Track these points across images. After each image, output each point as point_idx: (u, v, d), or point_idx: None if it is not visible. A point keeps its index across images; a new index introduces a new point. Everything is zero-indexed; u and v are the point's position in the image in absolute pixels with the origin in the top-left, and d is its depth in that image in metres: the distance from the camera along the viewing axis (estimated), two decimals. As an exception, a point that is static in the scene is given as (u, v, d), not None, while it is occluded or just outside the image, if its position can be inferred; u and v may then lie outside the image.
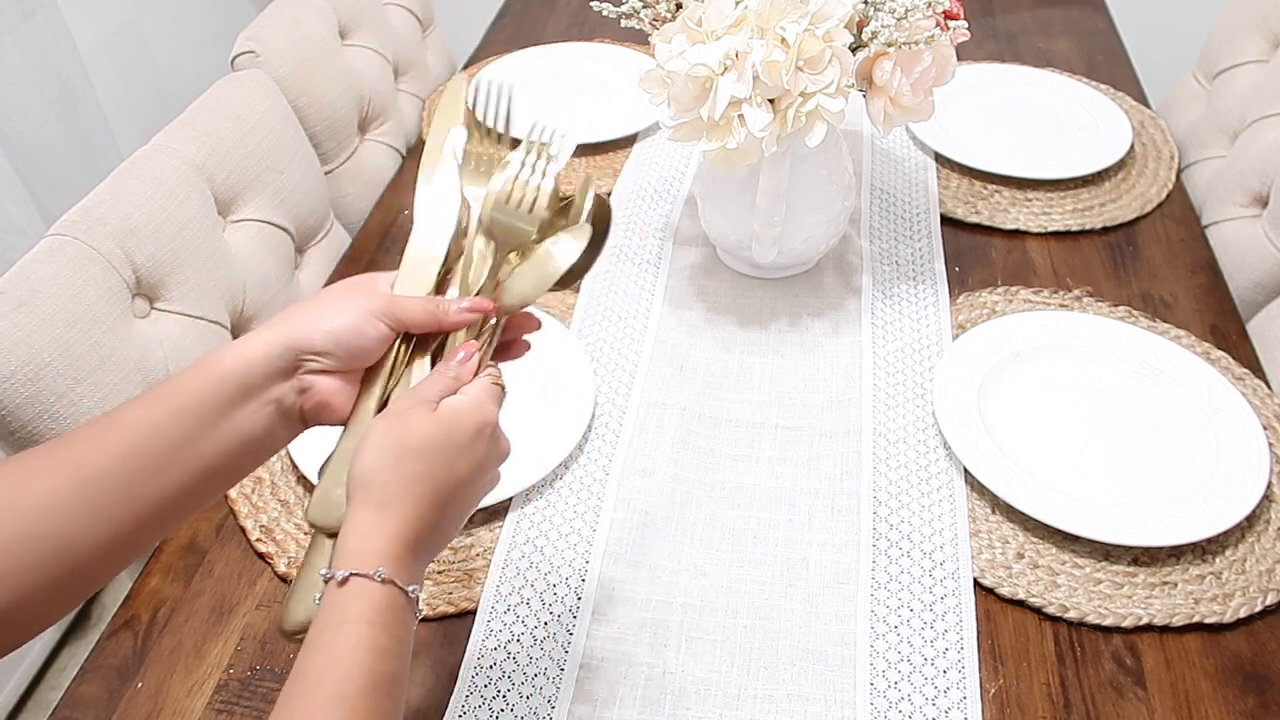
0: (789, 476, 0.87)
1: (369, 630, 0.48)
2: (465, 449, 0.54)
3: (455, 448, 0.54)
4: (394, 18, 1.48)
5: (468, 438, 0.54)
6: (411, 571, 0.52)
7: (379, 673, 0.48)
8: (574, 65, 1.45)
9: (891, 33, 0.85)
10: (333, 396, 0.57)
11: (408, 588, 0.51)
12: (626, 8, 0.92)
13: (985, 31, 1.53)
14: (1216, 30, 1.39)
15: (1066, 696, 0.72)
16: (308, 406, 0.57)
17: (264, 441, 0.56)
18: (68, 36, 1.63)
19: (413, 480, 0.52)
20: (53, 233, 0.88)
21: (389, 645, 0.49)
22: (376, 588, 0.50)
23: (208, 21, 2.09)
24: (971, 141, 1.26)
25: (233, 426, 0.54)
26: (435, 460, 0.53)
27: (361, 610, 0.49)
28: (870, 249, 1.10)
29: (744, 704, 0.72)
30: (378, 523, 0.51)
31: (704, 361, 0.98)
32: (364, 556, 0.50)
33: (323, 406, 0.57)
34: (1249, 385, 0.94)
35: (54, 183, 1.59)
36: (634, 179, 1.23)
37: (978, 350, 0.96)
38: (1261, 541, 0.81)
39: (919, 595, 0.78)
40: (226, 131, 1.06)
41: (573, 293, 1.06)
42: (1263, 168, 1.16)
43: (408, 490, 0.52)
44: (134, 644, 0.76)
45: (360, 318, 0.56)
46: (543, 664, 0.74)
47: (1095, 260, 1.10)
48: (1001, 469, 0.84)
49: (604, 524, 0.83)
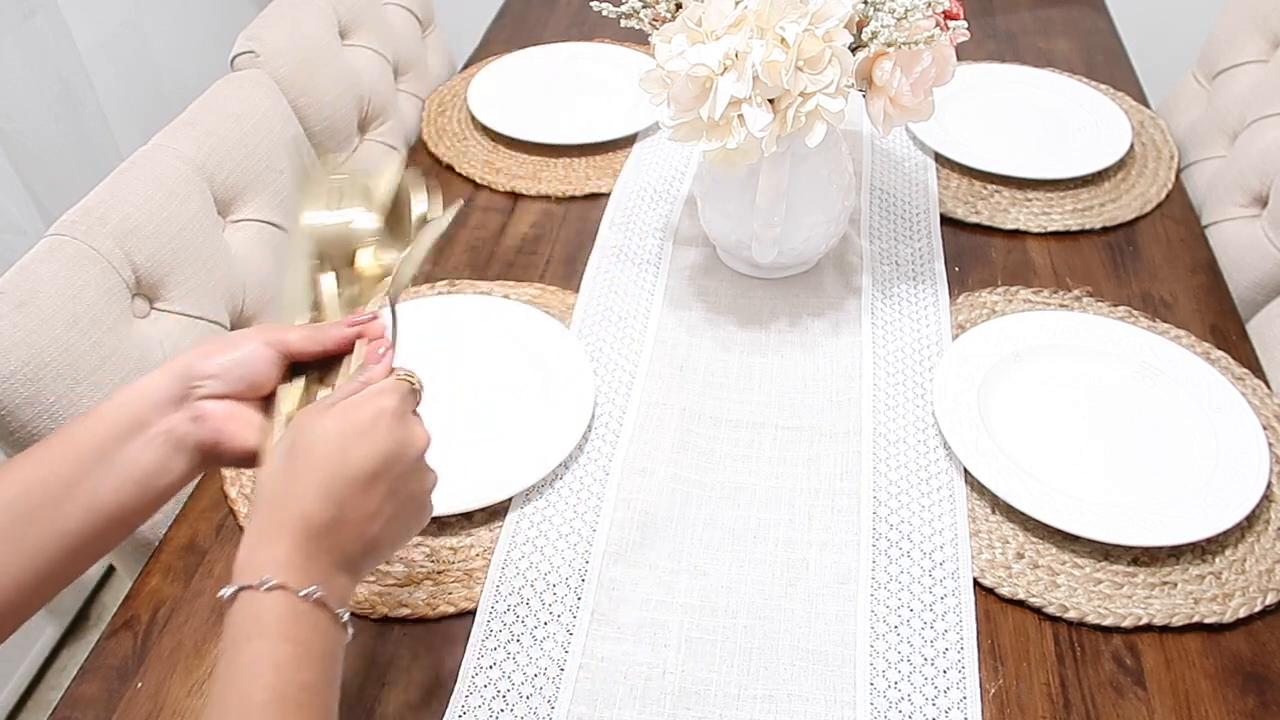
0: (789, 476, 0.87)
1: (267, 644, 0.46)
2: (360, 435, 0.52)
3: (347, 436, 0.52)
4: (394, 18, 1.48)
5: (362, 424, 0.52)
6: (309, 573, 0.49)
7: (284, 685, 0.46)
8: (574, 65, 1.45)
9: (891, 33, 0.85)
10: (227, 422, 0.56)
11: (302, 591, 0.48)
12: (626, 8, 0.92)
13: (985, 31, 1.53)
14: (1216, 30, 1.39)
15: (1066, 696, 0.72)
16: (203, 435, 0.56)
17: (158, 477, 0.55)
18: (68, 36, 1.63)
19: (302, 476, 0.51)
20: (53, 233, 0.88)
21: (292, 654, 0.47)
22: (268, 598, 0.47)
23: (208, 21, 2.09)
24: (971, 141, 1.26)
25: (125, 461, 0.53)
26: (323, 450, 0.51)
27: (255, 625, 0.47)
28: (870, 249, 1.10)
29: (744, 704, 0.72)
30: (266, 530, 0.50)
31: (704, 361, 0.98)
32: (250, 568, 0.48)
33: (219, 433, 0.56)
34: (1249, 385, 0.94)
35: (54, 183, 1.59)
36: (634, 179, 1.23)
37: (978, 350, 0.96)
38: (1261, 541, 0.81)
39: (919, 595, 0.78)
40: (226, 131, 1.06)
41: (573, 292, 1.06)
42: (1263, 168, 1.16)
43: (298, 487, 0.50)
44: (134, 644, 0.76)
45: (248, 346, 0.57)
46: (543, 664, 0.74)
47: (1095, 260, 1.10)
48: (1001, 469, 0.84)
49: (604, 524, 0.83)
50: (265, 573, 0.48)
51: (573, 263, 1.11)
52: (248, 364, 0.56)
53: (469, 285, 1.07)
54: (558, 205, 1.20)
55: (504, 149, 1.29)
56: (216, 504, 0.86)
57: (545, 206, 1.20)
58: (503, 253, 1.13)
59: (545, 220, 1.18)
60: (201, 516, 0.85)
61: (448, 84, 1.46)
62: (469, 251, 1.13)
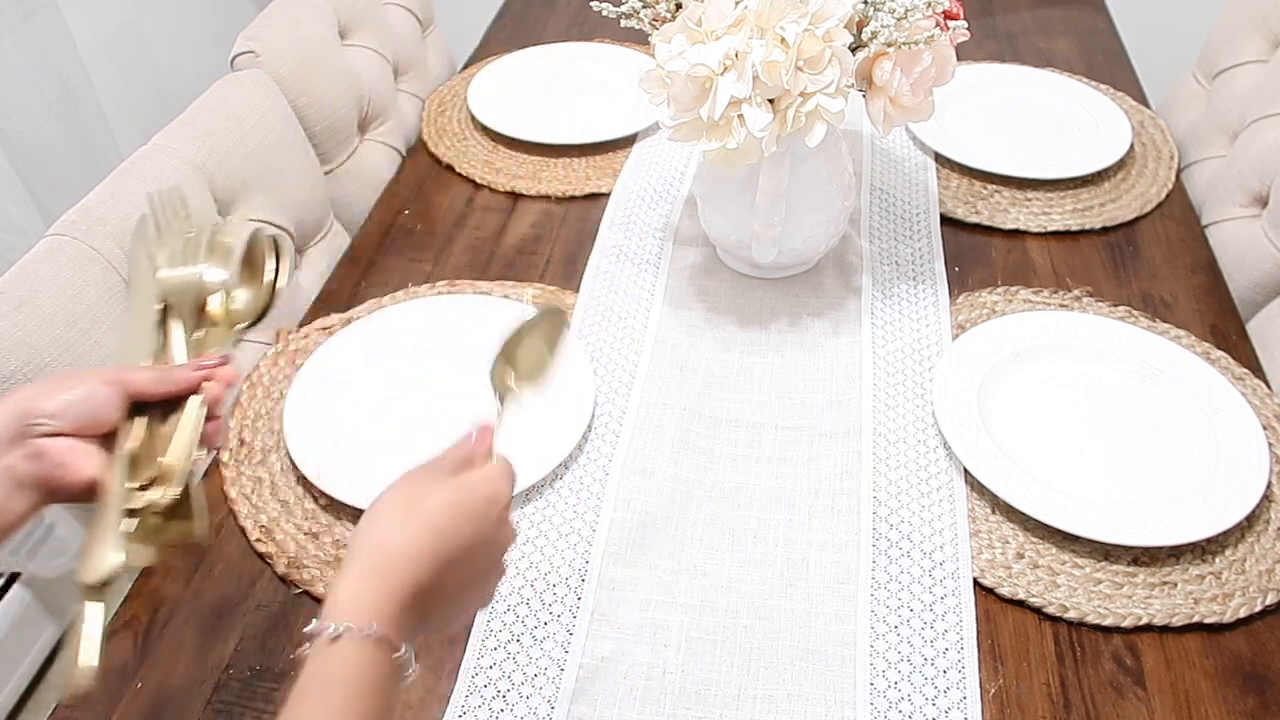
0: (789, 476, 0.87)
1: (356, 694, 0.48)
2: (473, 516, 0.55)
3: (464, 514, 0.55)
4: (394, 18, 1.48)
5: (478, 506, 0.55)
6: (404, 632, 0.51)
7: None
8: (574, 65, 1.45)
9: (891, 33, 0.85)
10: (67, 456, 0.56)
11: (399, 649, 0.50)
12: (626, 8, 0.92)
13: (985, 31, 1.53)
14: (1216, 30, 1.39)
15: (1066, 696, 0.72)
16: (41, 471, 0.56)
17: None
18: (68, 36, 1.63)
19: (417, 540, 0.52)
20: (52, 233, 0.88)
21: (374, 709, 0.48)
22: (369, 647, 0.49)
23: (208, 21, 2.09)
24: (971, 141, 1.26)
25: None
26: (441, 521, 0.54)
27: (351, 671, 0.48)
28: (870, 249, 1.10)
29: (744, 704, 0.72)
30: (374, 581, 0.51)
31: (704, 361, 0.98)
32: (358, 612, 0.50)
33: (59, 468, 0.56)
34: (1249, 385, 0.94)
35: (54, 183, 1.59)
36: (634, 179, 1.23)
37: (978, 350, 0.96)
38: (1261, 541, 0.81)
39: (919, 595, 0.78)
40: (226, 131, 1.06)
41: (573, 292, 1.06)
42: (1263, 168, 1.16)
43: (411, 548, 0.52)
44: (134, 644, 0.76)
45: (88, 385, 0.57)
46: (543, 664, 0.74)
47: (1095, 260, 1.10)
48: (1001, 469, 0.84)
49: (604, 524, 0.83)
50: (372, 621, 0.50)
51: (573, 263, 1.11)
52: (88, 402, 0.57)
53: (469, 285, 1.07)
54: (558, 205, 1.20)
55: (504, 149, 1.29)
56: (216, 504, 0.86)
57: (545, 206, 1.20)
58: (503, 253, 1.13)
59: (545, 220, 1.18)
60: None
61: (448, 84, 1.46)
62: (469, 251, 1.13)
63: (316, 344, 1.00)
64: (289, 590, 0.80)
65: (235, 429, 0.92)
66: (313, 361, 0.96)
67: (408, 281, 1.09)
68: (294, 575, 0.80)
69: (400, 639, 0.50)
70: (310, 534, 0.83)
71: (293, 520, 0.84)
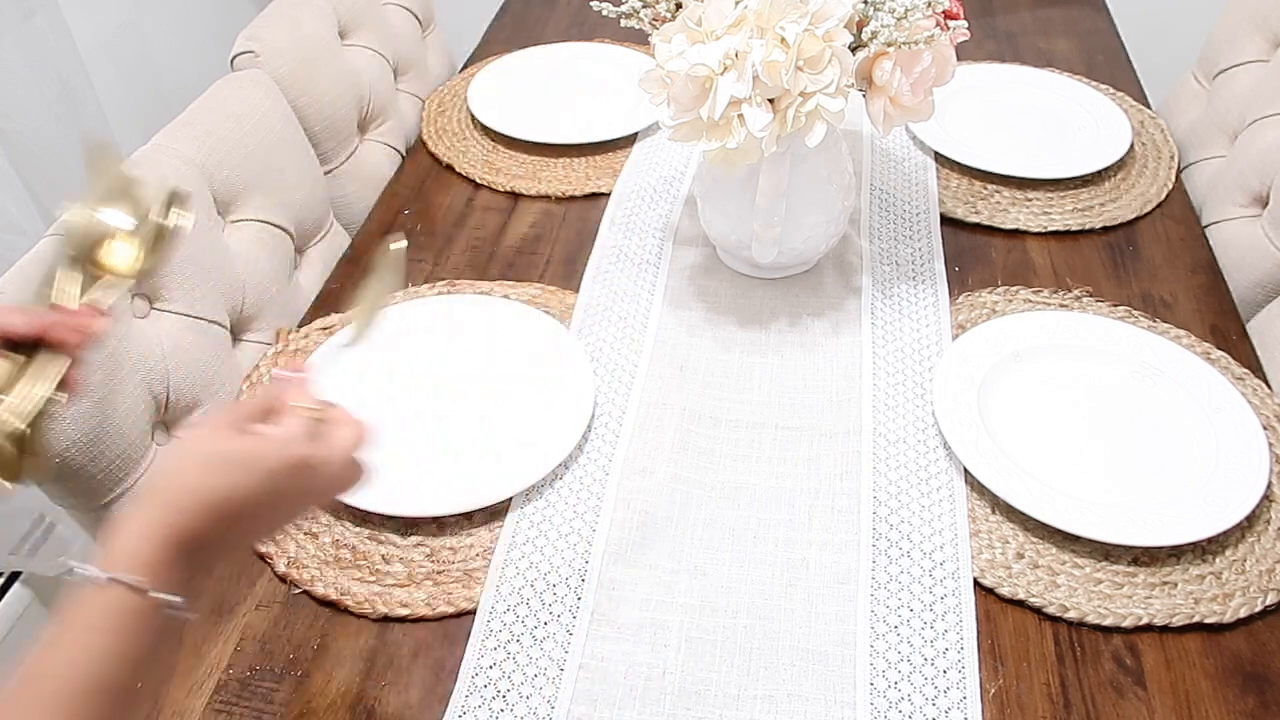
0: (789, 476, 0.87)
1: (100, 636, 0.48)
2: (266, 474, 0.54)
3: (254, 470, 0.54)
4: (394, 18, 1.48)
5: (271, 463, 0.54)
6: (167, 579, 0.51)
7: (101, 677, 0.48)
8: (574, 65, 1.45)
9: (891, 33, 0.85)
10: None
11: (151, 591, 0.50)
12: (626, 8, 0.92)
13: (985, 31, 1.53)
14: (1216, 30, 1.39)
15: (1066, 696, 0.72)
16: None
17: None
18: (68, 36, 1.63)
19: (195, 490, 0.52)
20: (52, 233, 0.88)
21: (122, 650, 0.49)
22: (117, 592, 0.49)
23: (208, 21, 2.09)
24: (971, 141, 1.26)
25: None
26: (222, 477, 0.53)
27: (97, 614, 0.48)
28: (870, 249, 1.10)
29: (744, 704, 0.72)
30: (142, 525, 0.51)
31: (704, 361, 0.98)
32: (114, 558, 0.50)
33: None
34: (1249, 385, 0.94)
35: (54, 183, 1.59)
36: (634, 179, 1.23)
37: (978, 350, 0.96)
38: (1261, 541, 0.81)
39: (919, 595, 0.78)
40: (226, 131, 1.06)
41: (572, 292, 1.06)
42: (1263, 168, 1.16)
43: (186, 498, 0.52)
44: (134, 644, 0.76)
45: None
46: (543, 664, 0.74)
47: (1095, 260, 1.10)
48: (1001, 469, 0.84)
49: (604, 524, 0.83)
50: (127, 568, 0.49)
51: (573, 263, 1.11)
52: None
53: (469, 285, 1.07)
54: (558, 205, 1.20)
55: (504, 149, 1.29)
56: (216, 504, 0.86)
57: (545, 206, 1.20)
58: (503, 253, 1.13)
59: (545, 220, 1.18)
60: (201, 516, 0.85)
61: (448, 84, 1.46)
62: (469, 251, 1.13)
63: (316, 344, 1.00)
64: (289, 590, 0.80)
65: (235, 429, 0.92)
66: (313, 361, 0.96)
67: (408, 281, 1.09)
68: (294, 575, 0.80)
69: (160, 586, 0.50)
70: (310, 534, 0.83)
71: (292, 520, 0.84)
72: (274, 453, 0.55)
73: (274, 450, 0.55)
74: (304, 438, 0.57)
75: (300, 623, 0.77)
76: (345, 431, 0.58)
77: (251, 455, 0.54)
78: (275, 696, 0.73)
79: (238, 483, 0.53)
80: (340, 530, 0.83)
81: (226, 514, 0.53)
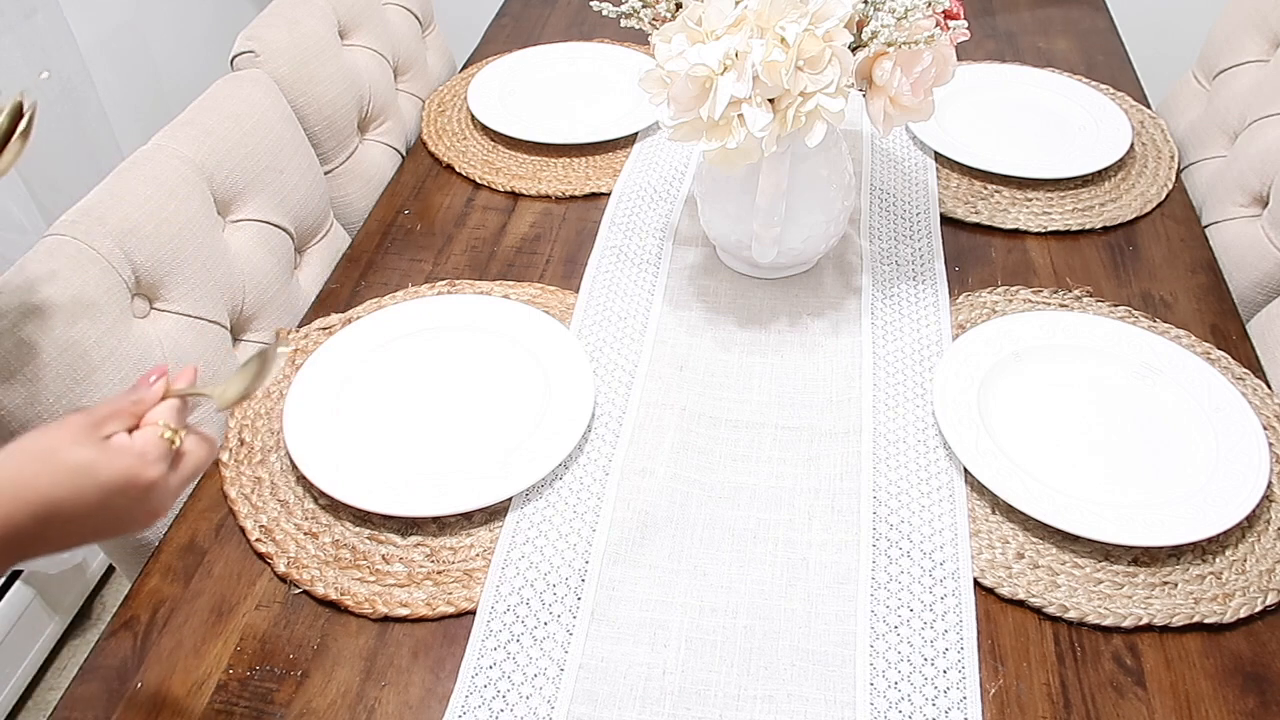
0: (789, 476, 0.87)
1: None
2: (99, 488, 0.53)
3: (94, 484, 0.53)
4: (394, 17, 1.48)
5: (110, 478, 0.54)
6: None
7: None
8: (574, 65, 1.45)
9: (891, 32, 0.85)
10: None
11: None
12: (626, 8, 0.92)
13: (985, 31, 1.53)
14: (1216, 30, 1.39)
15: (1066, 696, 0.72)
16: None
17: None
18: (68, 36, 1.63)
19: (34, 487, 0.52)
20: (52, 232, 0.88)
21: None
22: None
23: (208, 21, 2.09)
24: (971, 141, 1.26)
25: None
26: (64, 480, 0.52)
27: None
28: (870, 249, 1.10)
29: (744, 704, 0.72)
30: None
31: (704, 361, 0.98)
32: None
33: None
34: (1249, 385, 0.94)
35: (54, 183, 1.59)
36: (634, 179, 1.23)
37: (978, 350, 0.96)
38: (1261, 541, 0.81)
39: (919, 595, 0.78)
40: (226, 131, 1.06)
41: (572, 292, 1.06)
42: (1263, 167, 1.16)
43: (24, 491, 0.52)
44: (134, 644, 0.76)
45: None
46: (543, 664, 0.74)
47: (1095, 260, 1.10)
48: (1001, 469, 0.84)
49: (604, 524, 0.83)
50: None
51: (573, 263, 1.11)
52: None
53: (469, 285, 1.07)
54: (558, 205, 1.20)
55: (504, 149, 1.29)
56: (216, 504, 0.86)
57: (545, 206, 1.20)
58: (503, 253, 1.13)
59: (545, 220, 1.18)
60: (201, 517, 0.85)
61: (448, 84, 1.46)
62: (469, 251, 1.13)
63: (316, 344, 1.00)
64: (289, 590, 0.80)
65: (235, 429, 0.92)
66: (313, 361, 0.96)
67: (408, 281, 1.09)
68: (294, 575, 0.80)
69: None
70: (310, 534, 0.83)
71: (292, 520, 0.84)
72: (121, 470, 0.54)
73: (122, 468, 0.54)
74: (155, 460, 0.56)
75: (300, 623, 0.77)
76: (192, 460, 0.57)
77: (97, 466, 0.53)
78: (275, 696, 0.73)
79: (78, 489, 0.53)
80: (340, 530, 0.83)
81: (55, 517, 0.52)
